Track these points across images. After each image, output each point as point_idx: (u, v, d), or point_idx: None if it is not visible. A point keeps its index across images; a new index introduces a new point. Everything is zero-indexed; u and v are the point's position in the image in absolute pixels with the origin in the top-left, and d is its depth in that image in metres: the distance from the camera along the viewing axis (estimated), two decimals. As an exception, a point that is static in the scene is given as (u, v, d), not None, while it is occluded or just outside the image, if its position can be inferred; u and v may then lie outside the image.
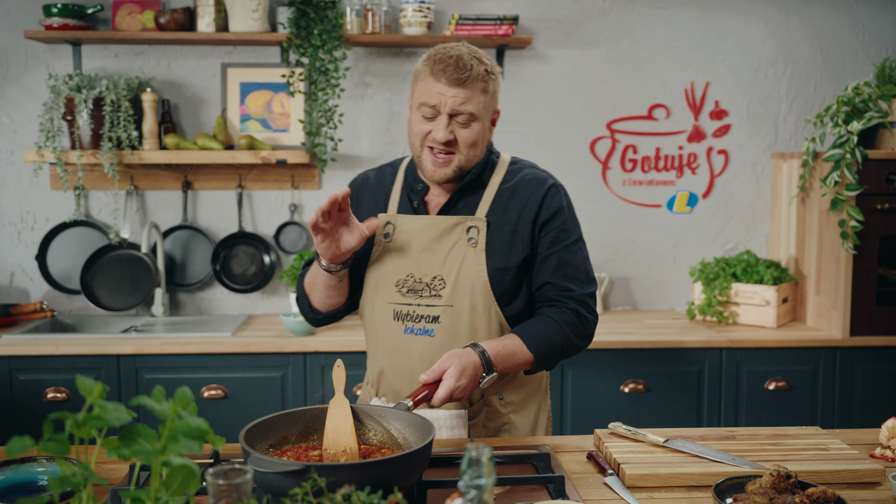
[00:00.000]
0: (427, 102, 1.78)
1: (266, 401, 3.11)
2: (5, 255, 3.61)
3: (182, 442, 0.97)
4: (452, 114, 1.77)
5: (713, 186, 3.77)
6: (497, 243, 1.86)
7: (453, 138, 1.79)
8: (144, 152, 3.40)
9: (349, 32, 3.44)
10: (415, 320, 1.85)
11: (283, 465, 1.32)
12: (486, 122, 1.84)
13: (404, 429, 1.60)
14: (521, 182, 1.90)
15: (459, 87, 1.75)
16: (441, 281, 1.85)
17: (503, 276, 1.85)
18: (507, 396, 1.93)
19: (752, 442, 1.76)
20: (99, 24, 3.54)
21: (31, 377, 3.06)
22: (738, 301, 3.44)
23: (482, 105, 1.79)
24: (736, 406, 3.24)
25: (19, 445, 0.90)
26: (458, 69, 1.74)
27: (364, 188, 2.00)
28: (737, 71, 3.73)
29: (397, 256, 1.88)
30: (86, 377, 0.95)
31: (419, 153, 1.83)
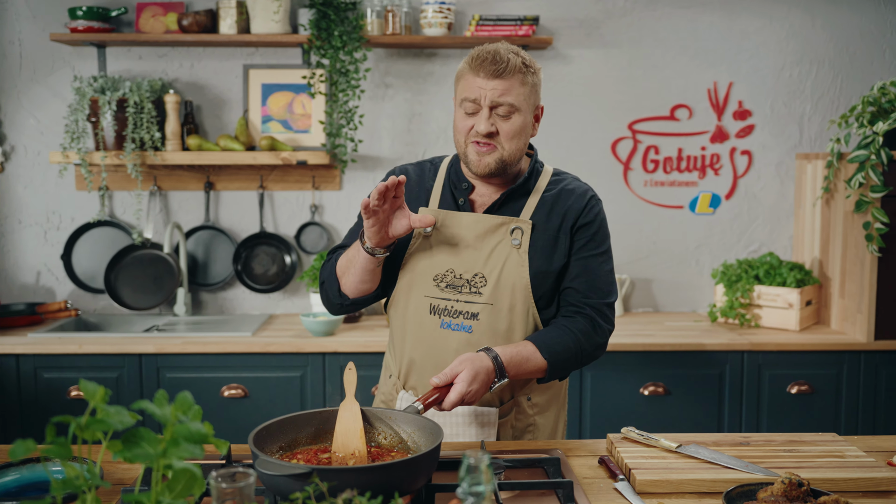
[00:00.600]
0: (468, 97, 1.81)
1: (285, 400, 3.13)
2: (32, 255, 3.67)
3: (183, 446, 0.98)
4: (493, 106, 1.80)
5: (736, 187, 3.73)
6: (540, 246, 1.88)
7: (495, 130, 1.81)
8: (167, 153, 3.44)
9: (370, 34, 3.45)
10: (452, 315, 1.87)
11: (290, 468, 1.33)
12: (529, 117, 1.85)
13: (414, 432, 1.60)
14: (564, 191, 1.92)
15: (498, 78, 1.78)
16: (482, 279, 1.86)
17: (544, 280, 1.87)
18: (534, 398, 1.94)
19: (766, 448, 1.74)
20: (123, 27, 3.58)
21: (55, 375, 3.11)
22: (761, 303, 3.41)
23: (522, 97, 1.81)
24: (757, 410, 3.21)
25: (22, 448, 0.92)
26: (496, 62, 1.78)
27: (411, 176, 2.00)
28: (761, 71, 3.68)
29: (438, 251, 1.89)
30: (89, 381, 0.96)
31: (464, 150, 1.86)
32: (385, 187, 1.72)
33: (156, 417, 0.98)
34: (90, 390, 0.95)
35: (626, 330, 3.37)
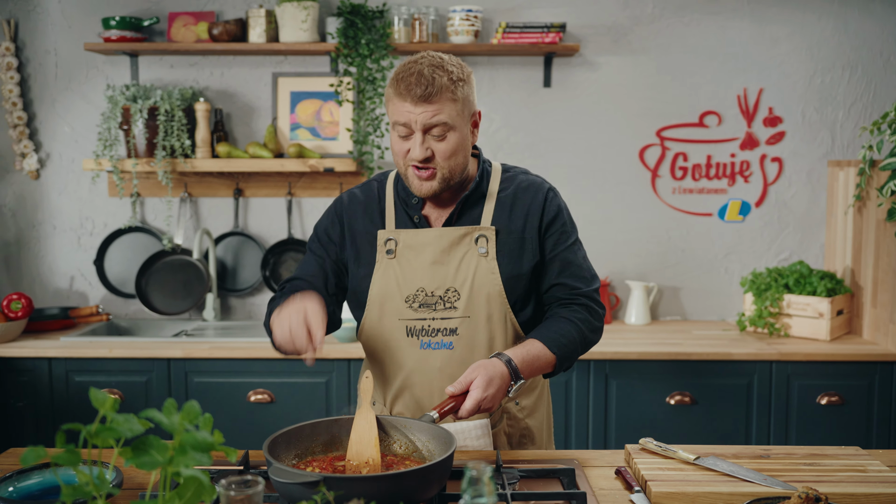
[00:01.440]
0: (398, 121, 1.77)
1: (311, 406, 3.15)
2: (66, 260, 3.74)
3: (191, 454, 0.99)
4: (425, 129, 1.76)
5: (766, 195, 3.69)
6: (507, 251, 1.87)
7: (431, 154, 1.77)
8: (197, 160, 3.48)
9: (397, 42, 3.47)
10: (430, 335, 1.84)
11: (301, 476, 1.34)
12: (465, 129, 1.81)
13: (428, 440, 1.61)
14: (520, 189, 1.91)
15: (426, 102, 1.73)
16: (455, 293, 1.84)
17: (517, 283, 1.87)
18: (522, 401, 1.94)
19: (786, 461, 1.72)
20: (155, 36, 3.64)
21: (85, 378, 3.16)
22: (791, 313, 3.36)
23: (454, 113, 1.76)
24: (786, 421, 3.16)
25: (33, 455, 0.94)
26: (420, 85, 1.72)
27: (354, 206, 1.94)
28: (792, 77, 3.64)
29: (404, 272, 1.86)
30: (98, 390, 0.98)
31: (404, 171, 1.82)
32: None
33: (163, 426, 1.00)
34: (99, 398, 0.97)
35: (653, 338, 3.34)
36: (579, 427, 3.18)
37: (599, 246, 3.70)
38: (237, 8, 3.61)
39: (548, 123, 3.66)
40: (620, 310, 3.75)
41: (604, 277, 3.70)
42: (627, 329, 3.54)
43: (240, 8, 3.61)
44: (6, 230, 3.73)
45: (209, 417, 1.15)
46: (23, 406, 3.17)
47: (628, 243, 3.71)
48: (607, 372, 3.16)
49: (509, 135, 3.67)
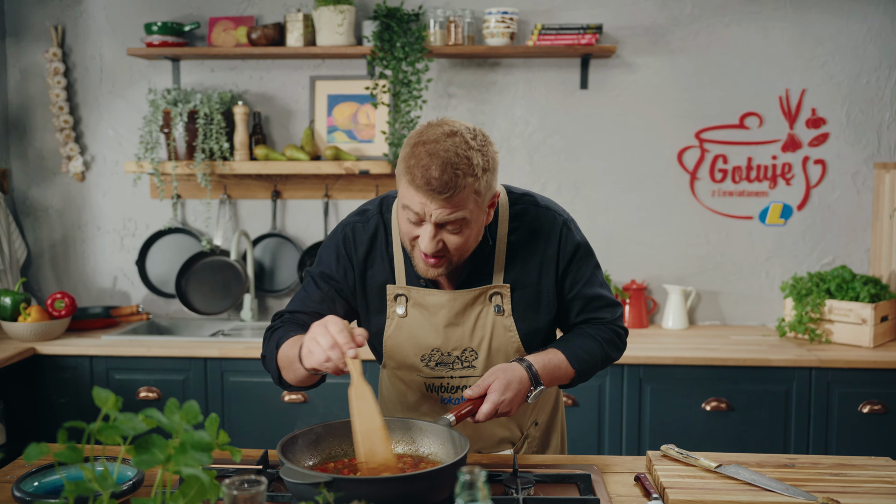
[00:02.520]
0: (409, 205, 1.58)
1: (343, 406, 3.16)
2: (109, 260, 3.83)
3: (191, 453, 1.01)
4: (440, 224, 1.58)
5: (809, 198, 3.61)
6: (524, 306, 1.78)
7: (442, 246, 1.61)
8: (235, 163, 3.54)
9: (432, 44, 3.48)
10: (451, 391, 1.81)
11: (311, 477, 1.35)
12: (482, 217, 1.64)
13: (442, 443, 1.61)
14: (531, 231, 1.77)
15: (445, 201, 1.54)
16: (472, 352, 1.78)
17: (535, 337, 1.81)
18: (540, 419, 1.93)
19: (811, 471, 1.68)
20: (196, 41, 3.70)
21: (125, 376, 3.23)
22: (832, 318, 3.28)
23: (475, 207, 1.58)
24: (826, 429, 3.09)
25: (36, 451, 0.96)
26: (442, 182, 1.52)
27: (361, 247, 1.79)
28: (836, 77, 3.56)
29: (417, 331, 1.77)
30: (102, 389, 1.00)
31: (410, 250, 1.68)
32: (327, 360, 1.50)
33: (163, 426, 1.01)
34: (102, 397, 0.99)
35: (690, 343, 3.30)
36: (612, 433, 3.15)
37: (636, 249, 3.66)
38: (275, 12, 3.66)
39: (584, 125, 3.64)
40: (657, 314, 3.70)
41: (641, 281, 3.66)
42: (664, 333, 3.50)
43: (278, 12, 3.65)
44: (53, 231, 3.83)
45: (215, 418, 1.17)
46: (65, 402, 3.25)
47: (666, 247, 3.66)
48: (641, 377, 3.12)
49: (545, 137, 3.65)
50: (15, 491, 1.48)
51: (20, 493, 1.48)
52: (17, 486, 1.50)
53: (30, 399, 3.25)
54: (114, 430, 1.01)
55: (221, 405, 3.21)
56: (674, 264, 3.68)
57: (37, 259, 3.85)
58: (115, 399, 1.00)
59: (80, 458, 0.97)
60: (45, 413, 3.25)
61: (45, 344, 3.23)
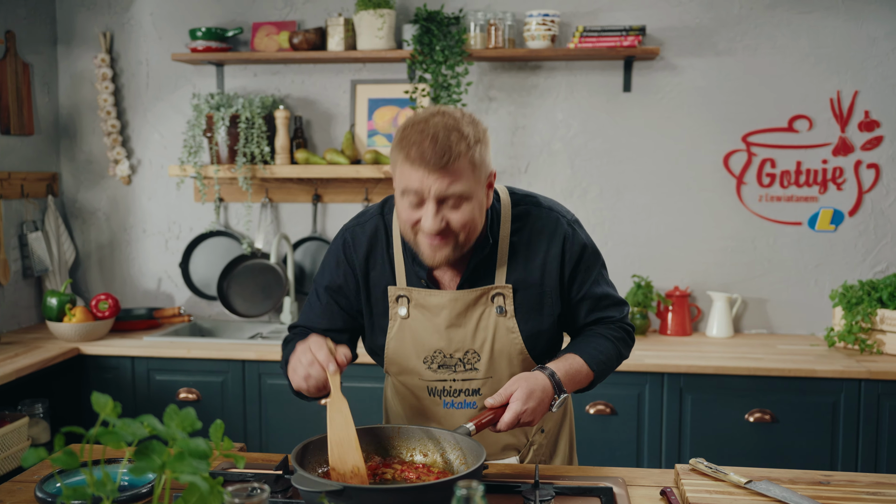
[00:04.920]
0: (408, 187, 1.59)
1: (372, 411, 3.16)
2: (154, 262, 3.89)
3: (188, 461, 1.00)
4: (440, 199, 1.59)
5: (861, 203, 3.49)
6: (527, 307, 1.75)
7: (445, 225, 1.61)
8: (275, 167, 3.56)
9: (472, 48, 3.46)
10: (453, 395, 1.79)
11: (323, 485, 1.34)
12: (481, 194, 1.64)
13: (459, 453, 1.58)
14: (534, 232, 1.76)
15: (441, 171, 1.55)
16: (475, 354, 1.76)
17: (538, 339, 1.78)
18: (546, 427, 1.89)
19: (847, 489, 1.61)
20: (240, 46, 3.74)
21: (166, 377, 3.28)
22: (884, 329, 3.16)
23: (472, 181, 1.59)
24: (876, 444, 2.98)
25: (34, 456, 0.96)
26: (437, 153, 1.54)
27: (360, 250, 1.79)
28: (891, 78, 3.43)
29: (419, 333, 1.76)
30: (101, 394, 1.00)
31: (413, 240, 1.66)
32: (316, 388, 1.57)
33: (158, 433, 1.01)
34: (101, 402, 0.99)
35: (734, 352, 3.21)
36: (652, 443, 3.08)
37: (680, 255, 3.59)
38: (317, 17, 3.68)
39: (627, 129, 3.58)
40: (701, 321, 3.62)
41: (684, 288, 3.58)
42: (707, 342, 3.41)
43: (319, 17, 3.67)
44: (100, 233, 3.91)
45: (220, 424, 1.16)
46: (107, 402, 3.30)
47: (711, 252, 3.58)
48: (682, 386, 3.05)
49: (587, 140, 3.60)
50: (37, 492, 1.50)
51: (42, 493, 1.49)
52: (39, 487, 1.52)
53: (73, 398, 3.31)
54: (113, 436, 1.00)
55: (259, 407, 3.23)
56: (719, 271, 3.59)
57: (84, 261, 3.93)
58: (113, 405, 1.00)
59: (76, 464, 0.97)
60: (88, 412, 3.31)
61: (89, 344, 3.29)
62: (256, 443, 3.25)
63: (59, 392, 3.32)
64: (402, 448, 1.66)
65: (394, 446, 1.66)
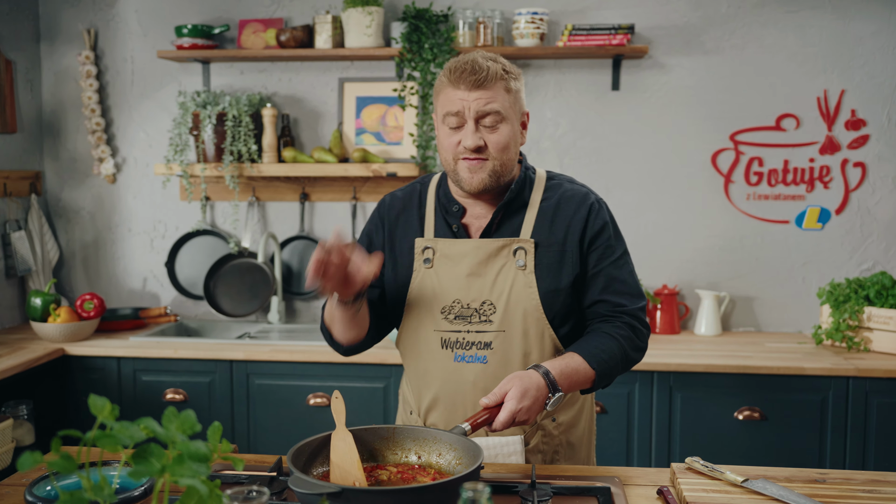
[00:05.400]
0: (450, 111, 1.73)
1: (369, 411, 3.15)
2: (139, 262, 3.85)
3: (188, 464, 0.98)
4: (478, 118, 1.72)
5: (848, 201, 3.51)
6: (546, 264, 1.80)
7: (483, 143, 1.73)
8: (263, 165, 3.53)
9: (461, 45, 3.45)
10: (465, 347, 1.81)
11: (321, 487, 1.32)
12: (516, 125, 1.78)
13: (454, 453, 1.57)
14: (563, 199, 1.84)
15: (479, 88, 1.71)
16: (491, 306, 1.80)
17: (555, 298, 1.80)
18: (559, 418, 1.88)
19: (843, 487, 1.61)
20: (226, 43, 3.71)
21: (152, 378, 3.24)
22: (871, 326, 3.18)
23: (507, 104, 1.74)
24: (864, 441, 2.99)
25: (30, 460, 0.94)
26: (475, 72, 1.71)
27: (395, 209, 1.92)
28: (877, 77, 3.45)
29: (441, 282, 1.82)
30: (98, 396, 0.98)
31: (453, 167, 1.77)
32: (315, 267, 1.57)
33: (158, 436, 0.99)
34: (97, 405, 0.97)
35: (723, 350, 3.22)
36: (641, 441, 3.08)
37: (668, 253, 3.59)
38: (304, 14, 3.65)
39: (616, 127, 3.58)
40: (690, 319, 3.63)
41: (673, 286, 3.59)
42: (696, 340, 3.42)
43: (307, 14, 3.65)
44: (84, 232, 3.86)
45: (218, 426, 1.14)
46: (93, 403, 3.27)
47: (699, 251, 3.58)
48: (671, 384, 3.05)
49: (576, 139, 3.59)
50: (27, 495, 1.47)
51: (32, 497, 1.47)
52: (29, 491, 1.49)
53: (58, 399, 3.27)
54: (110, 439, 0.98)
55: (247, 408, 3.21)
56: (707, 269, 3.60)
57: (68, 260, 3.89)
58: (111, 407, 0.98)
59: (74, 468, 0.95)
60: (73, 413, 3.27)
61: (74, 345, 3.25)
62: (245, 444, 3.22)
63: (44, 393, 3.28)
64: (396, 449, 1.64)
65: (388, 447, 1.65)
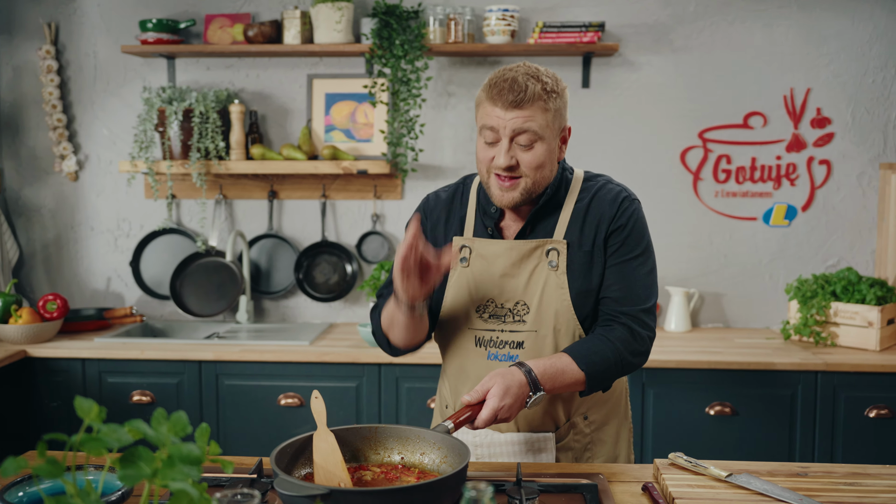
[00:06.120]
0: (486, 125, 1.74)
1: (341, 411, 3.12)
2: (103, 261, 3.77)
3: (179, 467, 0.95)
4: (513, 136, 1.72)
5: (814, 198, 3.56)
6: (577, 265, 1.81)
7: (515, 163, 1.73)
8: (230, 162, 3.48)
9: (432, 42, 3.42)
10: (498, 346, 1.82)
11: (308, 489, 1.29)
12: (554, 142, 1.76)
13: (439, 452, 1.55)
14: (596, 199, 1.84)
15: (516, 108, 1.70)
16: (524, 306, 1.81)
17: (586, 299, 1.81)
18: (591, 415, 1.88)
19: (825, 480, 1.63)
20: (192, 38, 3.64)
21: (118, 380, 3.17)
22: (838, 321, 3.23)
23: (544, 124, 1.72)
24: (832, 434, 3.04)
25: (14, 466, 0.90)
26: (513, 91, 1.69)
27: (438, 209, 1.95)
28: (841, 76, 3.50)
29: (477, 282, 1.84)
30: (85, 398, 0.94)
31: (486, 179, 1.78)
32: (403, 261, 1.66)
33: (148, 439, 0.96)
34: (84, 407, 0.93)
35: (693, 346, 3.24)
36: (615, 437, 3.09)
37: (638, 250, 3.61)
38: (272, 9, 3.60)
39: (586, 125, 3.58)
40: (660, 316, 3.65)
41: (643, 283, 3.60)
42: (666, 336, 3.44)
43: (275, 9, 3.60)
44: (46, 231, 3.77)
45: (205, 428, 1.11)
46: (57, 406, 3.19)
47: (668, 248, 3.61)
48: (644, 380, 3.06)
49: (546, 136, 3.59)
50: None
51: None
52: (1, 497, 1.44)
53: (21, 403, 3.19)
54: (97, 443, 0.95)
55: (216, 409, 3.15)
56: (676, 266, 3.62)
57: (29, 260, 3.79)
58: (98, 409, 0.94)
59: (60, 473, 0.91)
60: (37, 417, 3.19)
61: (37, 346, 3.17)
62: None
63: (5, 397, 3.18)
64: (379, 448, 1.62)
65: (371, 447, 1.62)
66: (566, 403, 1.86)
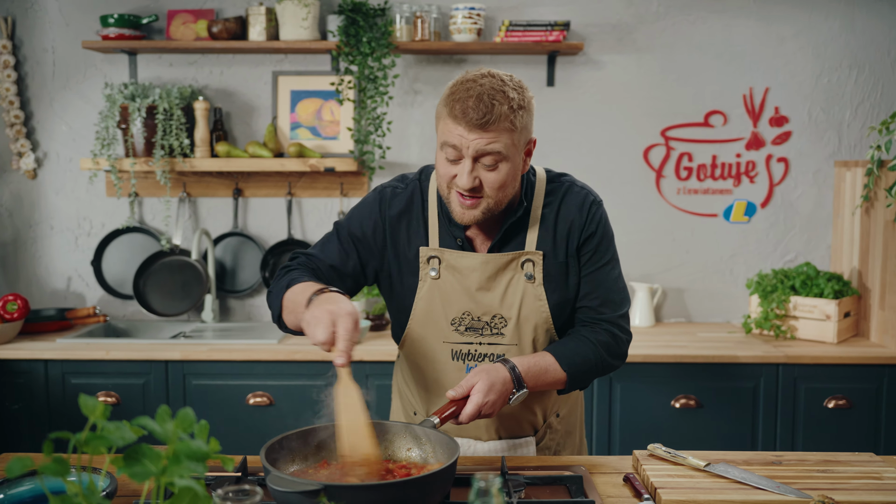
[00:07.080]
0: (448, 142, 1.64)
1: (311, 408, 3.09)
2: (63, 260, 3.70)
3: (185, 464, 0.95)
4: (476, 157, 1.63)
5: (772, 195, 3.64)
6: (554, 276, 1.79)
7: (478, 184, 1.65)
8: (195, 160, 3.44)
9: (398, 40, 3.43)
10: (476, 359, 1.79)
11: (300, 485, 1.30)
12: (518, 159, 1.68)
13: (431, 447, 1.56)
14: (564, 205, 1.80)
15: (481, 130, 1.59)
16: (502, 319, 1.78)
17: (563, 309, 1.81)
18: (561, 412, 1.91)
19: (799, 468, 1.67)
20: (154, 34, 3.59)
21: (83, 381, 3.12)
22: (797, 315, 3.32)
23: (509, 143, 1.62)
24: (793, 425, 3.12)
25: (19, 465, 0.89)
26: (478, 111, 1.58)
27: (395, 207, 1.82)
28: (798, 76, 3.60)
29: (449, 294, 1.78)
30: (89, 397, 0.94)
31: (447, 195, 1.70)
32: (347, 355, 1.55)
33: (156, 435, 0.95)
34: (90, 405, 0.93)
35: (658, 341, 3.30)
36: (583, 431, 3.13)
37: (603, 247, 3.66)
38: (237, 6, 3.57)
39: (551, 123, 3.62)
40: (624, 312, 3.70)
41: (607, 279, 3.66)
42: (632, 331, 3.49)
43: (240, 5, 3.57)
44: (3, 230, 3.68)
45: (205, 424, 1.11)
46: (18, 409, 3.13)
47: (632, 244, 3.66)
48: (611, 375, 3.11)
49: (512, 134, 3.62)
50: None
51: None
52: (-19, 500, 1.42)
53: (-19, 405, 3.12)
54: (101, 441, 0.94)
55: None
56: (639, 262, 3.68)
57: (-14, 260, 3.70)
58: (103, 408, 0.94)
59: (67, 472, 0.90)
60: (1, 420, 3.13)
61: (-3, 348, 3.10)
62: (181, 446, 3.13)
63: (-35, 399, 3.12)
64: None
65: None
66: (542, 406, 1.88)
